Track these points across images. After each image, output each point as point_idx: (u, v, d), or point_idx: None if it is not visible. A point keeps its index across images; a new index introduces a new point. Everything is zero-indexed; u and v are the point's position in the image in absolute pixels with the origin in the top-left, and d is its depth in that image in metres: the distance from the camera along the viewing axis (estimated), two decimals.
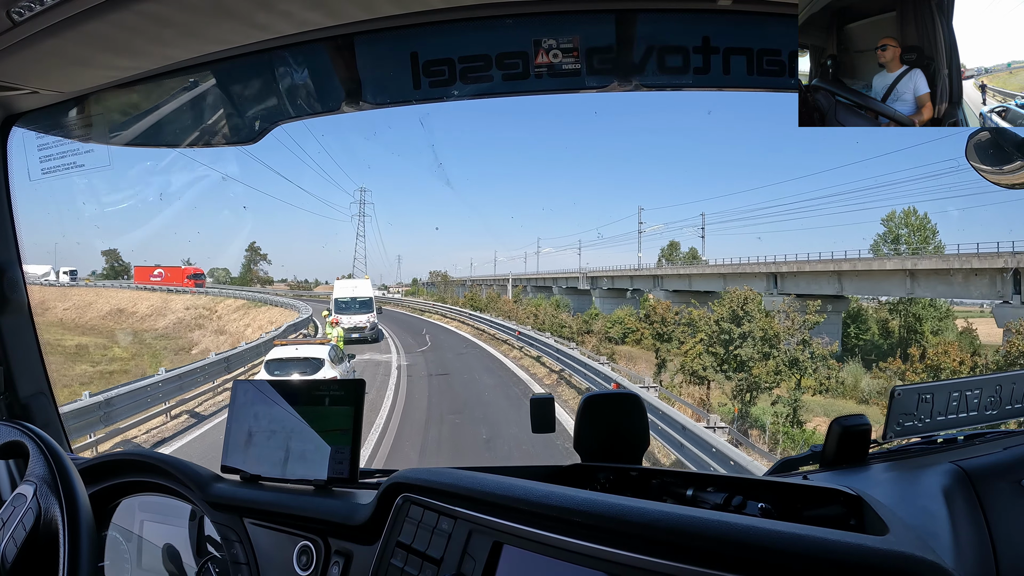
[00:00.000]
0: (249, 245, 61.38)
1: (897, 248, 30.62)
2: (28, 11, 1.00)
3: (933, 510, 0.90)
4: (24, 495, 0.99)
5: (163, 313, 36.98)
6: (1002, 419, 1.27)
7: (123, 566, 1.41)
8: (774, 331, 18.86)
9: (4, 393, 1.56)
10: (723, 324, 19.57)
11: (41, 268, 45.08)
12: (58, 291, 41.92)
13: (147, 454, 1.42)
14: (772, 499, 1.01)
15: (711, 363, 19.41)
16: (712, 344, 19.53)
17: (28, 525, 0.95)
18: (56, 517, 0.95)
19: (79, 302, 39.58)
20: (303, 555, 1.19)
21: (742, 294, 20.47)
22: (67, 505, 0.96)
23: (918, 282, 24.22)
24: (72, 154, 1.56)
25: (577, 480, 1.27)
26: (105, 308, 38.31)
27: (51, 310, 37.51)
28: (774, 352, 18.41)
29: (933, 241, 30.39)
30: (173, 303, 38.65)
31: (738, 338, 19.03)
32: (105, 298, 40.43)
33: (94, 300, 40.04)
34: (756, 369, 18.12)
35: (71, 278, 45.81)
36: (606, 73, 1.29)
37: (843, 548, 0.68)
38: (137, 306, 38.97)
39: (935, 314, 29.71)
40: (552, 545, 0.85)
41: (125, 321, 36.13)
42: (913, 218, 31.04)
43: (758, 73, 1.24)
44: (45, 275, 44.94)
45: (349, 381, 1.28)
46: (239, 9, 1.08)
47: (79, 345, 26.46)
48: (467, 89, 1.33)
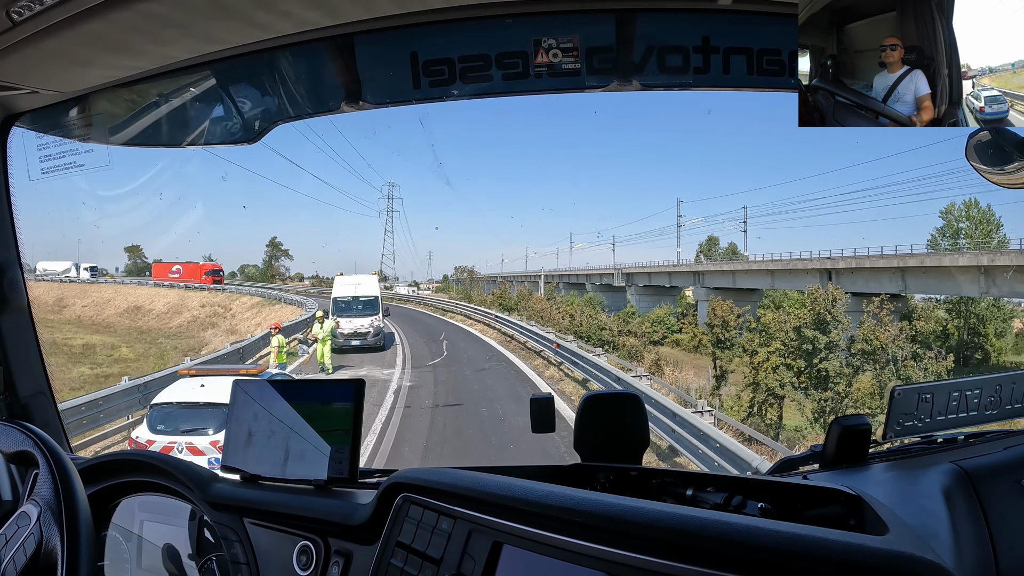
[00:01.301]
0: (270, 240, 59.86)
1: (956, 243, 27.32)
2: (28, 11, 1.00)
3: (933, 510, 0.90)
4: (28, 516, 0.99)
5: (179, 311, 36.17)
6: (1002, 419, 1.27)
7: (123, 566, 1.41)
8: (880, 342, 15.33)
9: (4, 393, 1.56)
10: (806, 331, 16.19)
11: (62, 264, 44.90)
12: (78, 287, 41.55)
13: (147, 454, 1.42)
14: (772, 499, 1.01)
15: (789, 378, 15.96)
16: (790, 355, 16.23)
17: (29, 552, 0.95)
18: (56, 548, 0.95)
19: (98, 299, 39.08)
20: (303, 555, 1.19)
21: (827, 294, 17.00)
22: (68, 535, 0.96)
23: (993, 280, 21.29)
24: (72, 154, 1.56)
25: (577, 480, 1.26)
26: (123, 305, 37.75)
27: (69, 307, 37.06)
28: (872, 366, 15.13)
29: (997, 235, 26.98)
30: (190, 300, 37.85)
31: (824, 348, 15.76)
32: (123, 295, 39.89)
33: (112, 297, 39.54)
34: (841, 386, 15.02)
35: (91, 274, 45.32)
36: (606, 73, 1.29)
37: (843, 548, 0.68)
38: (154, 303, 38.16)
39: (999, 315, 26.95)
40: (552, 545, 0.85)
41: (141, 319, 35.46)
42: (975, 210, 27.71)
43: (758, 73, 1.24)
44: (66, 271, 44.64)
45: (349, 381, 1.28)
46: (239, 9, 1.08)
47: (86, 345, 25.71)
48: (467, 89, 1.33)
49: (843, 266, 26.25)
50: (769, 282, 29.96)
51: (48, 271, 44.25)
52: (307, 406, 1.29)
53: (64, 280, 43.12)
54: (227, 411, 1.35)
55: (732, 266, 34.50)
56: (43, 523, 0.97)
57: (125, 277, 49.25)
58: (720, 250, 42.90)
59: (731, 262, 36.36)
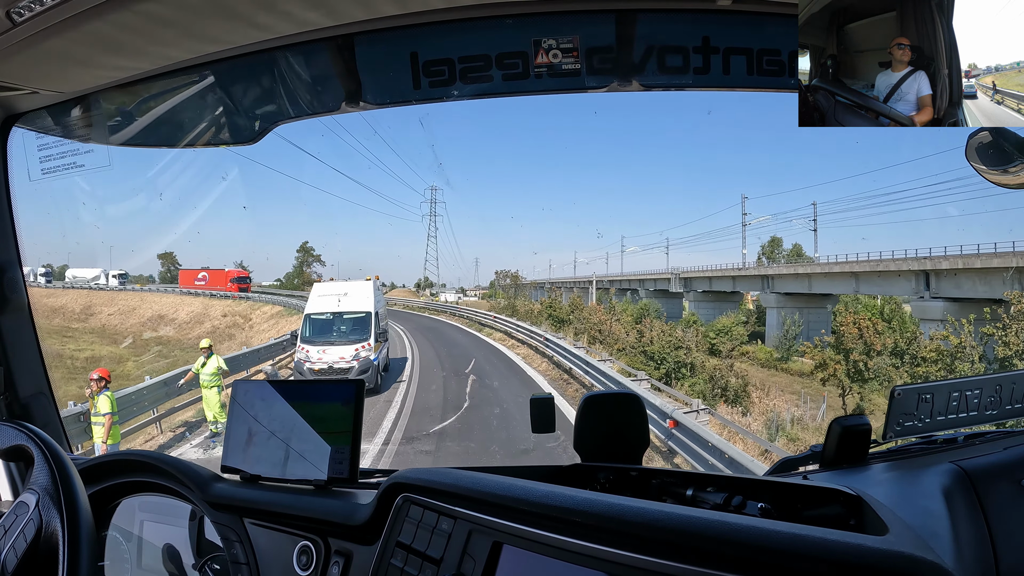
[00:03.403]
0: (301, 245, 56.29)
1: None
2: (28, 11, 1.00)
3: (933, 510, 0.90)
4: (27, 504, 0.99)
5: (201, 320, 34.91)
6: (1002, 419, 1.27)
7: (123, 566, 1.41)
8: None
9: (4, 393, 1.56)
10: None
11: (91, 271, 44.44)
12: (107, 295, 40.81)
13: (147, 454, 1.42)
14: (772, 499, 1.01)
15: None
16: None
17: (29, 537, 0.95)
18: (57, 531, 0.95)
19: (124, 307, 38.20)
20: (303, 555, 1.19)
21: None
22: (68, 516, 0.96)
23: None
24: (72, 154, 1.56)
25: (577, 480, 1.26)
26: (147, 313, 36.85)
27: (96, 315, 36.25)
28: None
29: None
30: (213, 309, 36.58)
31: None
32: (149, 303, 38.96)
33: (138, 305, 38.61)
34: None
35: (120, 281, 44.62)
36: (606, 73, 1.29)
37: (843, 548, 0.68)
38: (178, 312, 36.83)
39: None
40: (552, 545, 0.85)
41: (163, 329, 34.34)
42: None
43: (758, 73, 1.24)
44: (95, 278, 44.18)
45: (349, 381, 1.28)
46: (239, 9, 1.08)
47: (91, 358, 24.26)
48: (467, 89, 1.33)
49: (946, 267, 21.36)
50: (853, 286, 25.56)
51: (78, 278, 43.89)
52: (307, 407, 1.29)
53: (94, 287, 42.70)
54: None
55: (808, 268, 29.40)
56: (42, 508, 0.98)
57: (157, 284, 48.32)
58: (783, 252, 38.54)
59: (807, 264, 31.31)
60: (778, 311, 27.99)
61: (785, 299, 28.17)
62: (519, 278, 45.03)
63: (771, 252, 38.97)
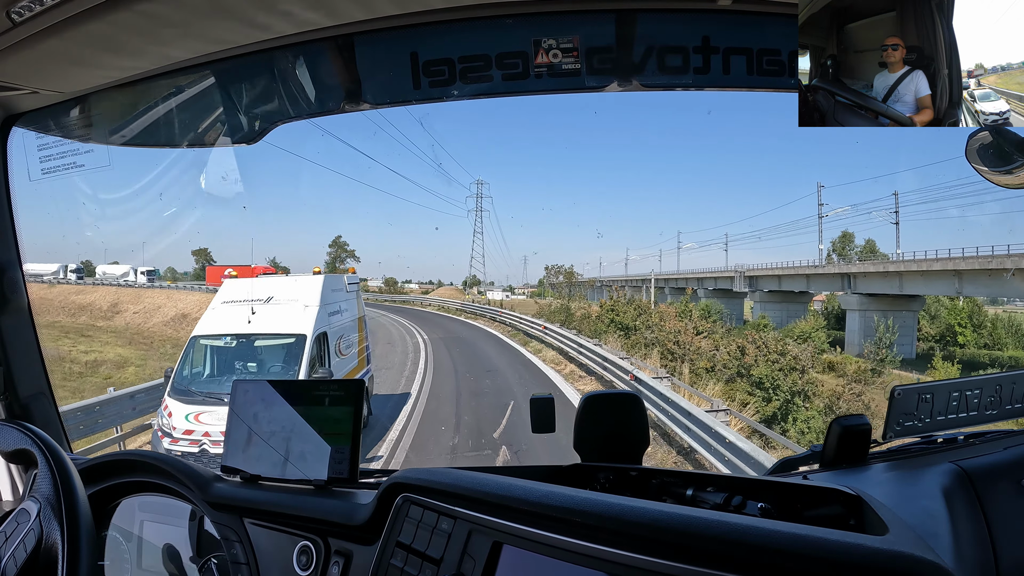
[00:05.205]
0: (333, 240, 54.87)
1: None
2: (28, 11, 1.00)
3: (933, 510, 0.90)
4: (28, 512, 0.99)
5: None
6: (1002, 419, 1.27)
7: (123, 566, 1.41)
8: None
9: (4, 393, 1.56)
10: None
11: (120, 268, 44.37)
12: (134, 292, 39.89)
13: (147, 454, 1.42)
14: (772, 499, 1.01)
15: None
16: None
17: (29, 547, 0.96)
18: (57, 543, 0.95)
19: (149, 305, 36.94)
20: (303, 555, 1.19)
21: None
22: (68, 525, 0.96)
23: None
24: (72, 154, 1.56)
25: (577, 480, 1.26)
26: (171, 313, 35.34)
27: (122, 313, 35.22)
28: None
29: None
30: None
31: None
32: (174, 301, 37.35)
33: (164, 303, 37.19)
34: None
35: (148, 279, 44.39)
36: (606, 73, 1.29)
37: (843, 548, 0.68)
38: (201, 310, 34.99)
39: None
40: (552, 545, 0.85)
41: (184, 328, 32.75)
42: None
43: (758, 73, 1.24)
44: (124, 275, 44.03)
45: (349, 381, 1.28)
46: (239, 9, 1.08)
47: (93, 362, 22.97)
48: (467, 89, 1.33)
49: None
50: (955, 287, 22.02)
51: (108, 274, 43.73)
52: (307, 407, 1.29)
53: (123, 284, 42.11)
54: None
55: (899, 266, 25.48)
56: (43, 519, 0.98)
57: (188, 282, 47.46)
58: (856, 248, 34.73)
59: (896, 262, 27.18)
60: (861, 314, 24.89)
61: (868, 300, 25.05)
62: (574, 275, 37.49)
63: (842, 249, 35.30)
